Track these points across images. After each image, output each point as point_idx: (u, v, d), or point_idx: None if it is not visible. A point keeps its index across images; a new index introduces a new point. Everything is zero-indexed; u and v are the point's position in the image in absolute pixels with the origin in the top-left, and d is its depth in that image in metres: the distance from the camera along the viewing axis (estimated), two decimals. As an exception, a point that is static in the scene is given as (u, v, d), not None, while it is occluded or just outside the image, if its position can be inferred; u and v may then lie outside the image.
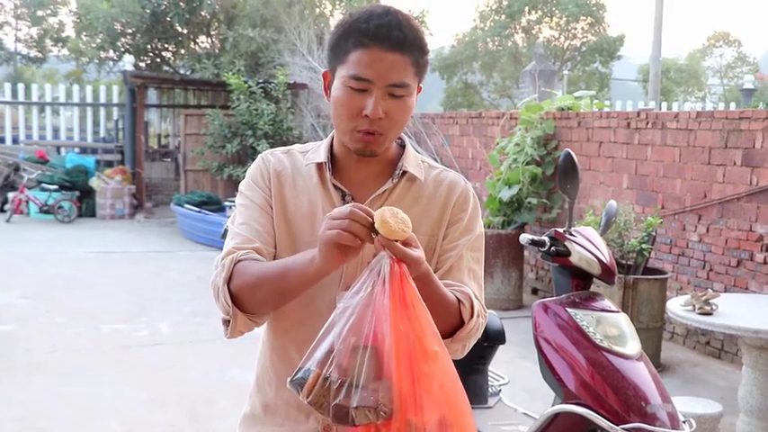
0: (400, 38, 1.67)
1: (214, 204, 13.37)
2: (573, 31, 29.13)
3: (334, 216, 1.48)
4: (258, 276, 1.67)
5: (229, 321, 1.72)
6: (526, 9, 28.78)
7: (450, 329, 1.71)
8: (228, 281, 1.70)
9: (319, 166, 1.83)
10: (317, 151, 1.87)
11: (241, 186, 1.90)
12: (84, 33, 21.20)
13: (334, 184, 1.81)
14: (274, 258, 1.78)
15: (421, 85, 1.79)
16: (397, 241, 1.45)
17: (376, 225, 1.45)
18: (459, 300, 1.72)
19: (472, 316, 1.73)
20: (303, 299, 1.72)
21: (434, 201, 1.84)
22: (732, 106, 23.42)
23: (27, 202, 14.78)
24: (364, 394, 1.36)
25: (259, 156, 1.92)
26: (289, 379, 1.45)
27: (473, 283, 1.82)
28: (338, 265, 1.54)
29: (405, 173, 1.83)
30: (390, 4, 1.79)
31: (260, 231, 1.79)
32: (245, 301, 1.69)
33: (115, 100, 17.99)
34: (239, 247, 1.75)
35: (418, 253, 1.50)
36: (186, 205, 13.15)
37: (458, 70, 30.49)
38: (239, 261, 1.71)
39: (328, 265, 1.53)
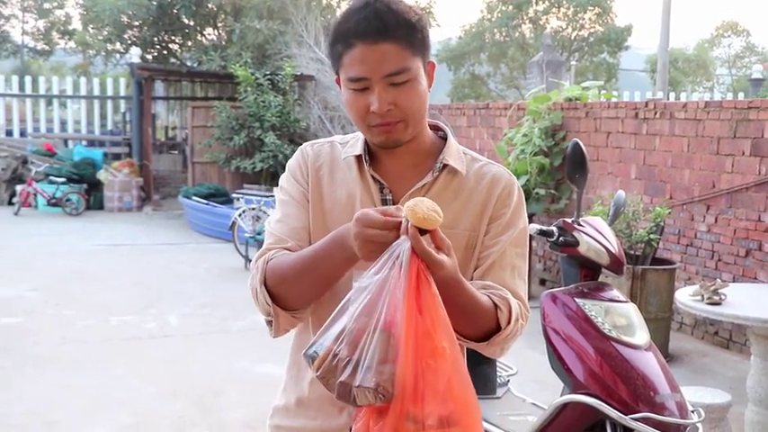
0: (380, 27, 1.62)
1: (222, 196, 13.39)
2: (580, 21, 29.04)
3: (369, 238, 1.45)
4: (294, 270, 1.66)
5: (272, 322, 1.72)
6: (533, 0, 28.69)
7: (485, 334, 1.68)
8: (265, 281, 1.69)
9: (358, 158, 1.80)
10: (354, 144, 1.83)
11: (281, 180, 1.88)
12: (91, 26, 21.24)
13: (372, 176, 1.78)
14: None
15: (431, 60, 1.75)
16: (426, 232, 1.43)
17: (404, 214, 1.43)
18: (495, 305, 1.67)
19: (509, 321, 1.68)
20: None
21: (476, 195, 1.79)
22: (740, 96, 23.34)
23: (35, 194, 14.83)
24: (368, 375, 1.34)
25: (299, 148, 1.90)
26: (303, 352, 1.45)
27: (516, 281, 1.77)
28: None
29: (445, 166, 1.79)
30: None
31: (296, 228, 1.78)
32: (284, 297, 1.69)
33: (122, 92, 18.01)
34: (272, 246, 1.75)
35: (440, 258, 1.45)
36: (194, 197, 13.16)
37: (465, 61, 30.44)
38: (271, 260, 1.71)
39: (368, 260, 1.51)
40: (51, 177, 14.76)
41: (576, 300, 3.50)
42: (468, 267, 1.77)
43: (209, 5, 18.39)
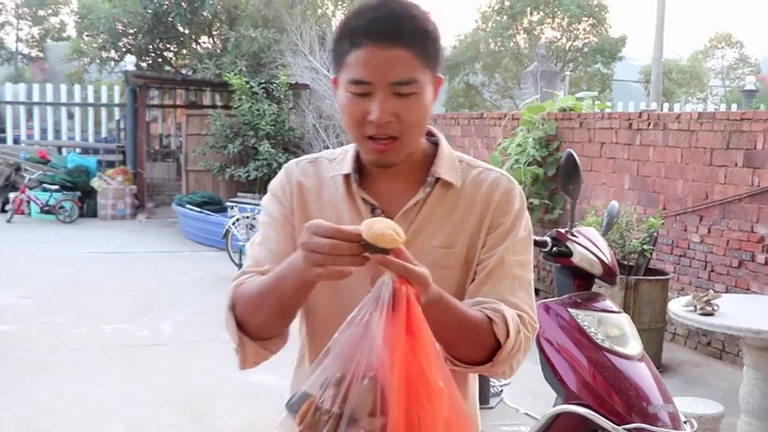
0: (395, 29, 1.49)
1: (215, 205, 13.37)
2: (575, 32, 29.09)
3: (313, 248, 1.29)
4: (255, 295, 1.52)
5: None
6: (528, 10, 28.74)
7: (487, 354, 1.54)
8: (233, 307, 1.57)
9: (346, 177, 1.67)
10: (342, 161, 1.70)
11: (263, 201, 1.77)
12: (86, 33, 21.21)
13: (362, 197, 1.64)
14: None
15: (439, 75, 1.60)
16: (388, 252, 1.27)
17: (363, 235, 1.27)
18: (490, 318, 1.52)
19: (508, 334, 1.52)
20: (333, 294, 1.58)
21: (473, 206, 1.65)
22: (734, 107, 23.40)
23: (28, 202, 14.79)
24: (352, 430, 1.21)
25: (283, 166, 1.77)
26: (286, 401, 1.33)
27: (518, 292, 1.62)
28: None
29: (438, 179, 1.65)
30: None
31: (274, 252, 1.64)
32: (249, 325, 1.56)
33: (117, 100, 18.00)
34: (248, 270, 1.64)
35: (423, 269, 1.31)
36: (188, 206, 13.15)
37: (460, 71, 30.46)
38: (241, 285, 1.59)
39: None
40: (45, 185, 14.73)
41: (570, 310, 3.51)
42: (465, 285, 1.65)
43: (205, 14, 18.39)
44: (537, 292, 9.03)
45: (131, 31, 18.49)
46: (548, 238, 3.70)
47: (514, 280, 1.62)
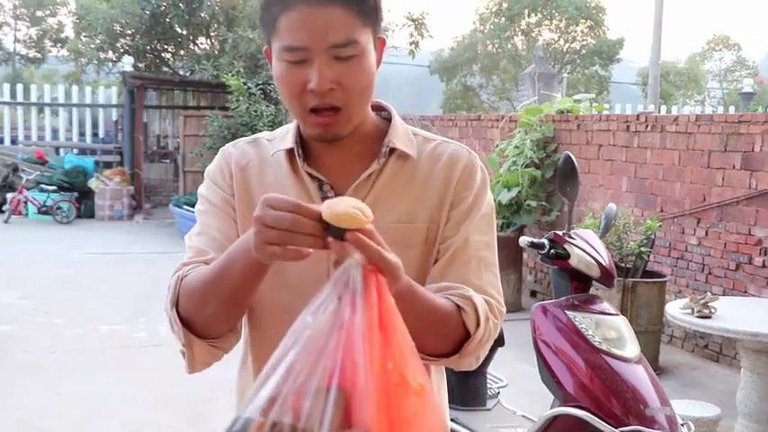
0: None
1: (213, 206, 13.35)
2: (572, 33, 29.15)
3: (270, 222, 1.13)
4: (200, 287, 1.37)
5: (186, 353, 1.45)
6: (526, 12, 28.80)
7: (455, 345, 1.41)
8: (177, 303, 1.43)
9: (289, 153, 1.52)
10: (284, 137, 1.55)
11: (200, 189, 1.61)
12: (84, 34, 21.17)
13: (308, 173, 1.50)
14: None
15: (381, 36, 1.46)
16: (354, 231, 1.11)
17: (324, 215, 1.12)
18: (459, 307, 1.39)
19: (478, 323, 1.39)
20: (279, 285, 1.43)
21: (433, 180, 1.51)
22: (731, 110, 23.42)
23: (26, 202, 14.77)
24: None
25: (220, 150, 1.63)
26: (234, 418, 1.15)
27: (484, 276, 1.49)
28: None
29: (393, 150, 1.51)
30: (386, 4, 1.54)
31: (217, 239, 1.48)
32: (196, 321, 1.41)
33: (114, 101, 17.99)
34: (189, 261, 1.47)
35: (395, 258, 1.17)
36: (185, 206, 13.13)
37: (457, 72, 30.50)
38: (185, 277, 1.43)
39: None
40: (42, 185, 14.72)
41: (567, 312, 3.51)
42: (428, 265, 1.50)
43: (202, 15, 18.37)
44: (534, 294, 9.09)
45: (129, 31, 18.46)
46: (545, 241, 3.70)
47: (480, 262, 1.49)
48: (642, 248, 6.53)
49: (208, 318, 1.39)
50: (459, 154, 1.55)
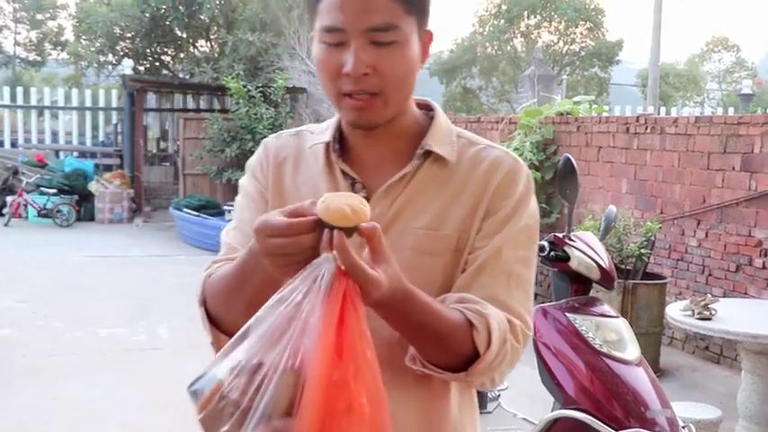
0: None
1: (213, 208, 13.38)
2: (572, 35, 29.15)
3: (273, 252, 1.13)
4: (223, 288, 1.37)
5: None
6: (525, 14, 28.80)
7: (461, 361, 1.31)
8: (205, 301, 1.43)
9: (327, 146, 1.47)
10: (325, 130, 1.50)
11: (241, 180, 1.59)
12: (84, 37, 21.24)
13: (342, 170, 1.44)
14: None
15: (428, 29, 1.40)
16: (352, 233, 1.10)
17: (317, 209, 1.10)
18: (470, 324, 1.29)
19: (489, 344, 1.29)
20: None
21: (469, 186, 1.42)
22: (731, 111, 23.44)
23: (26, 205, 14.77)
24: (259, 430, 1.01)
25: (262, 141, 1.60)
26: (188, 385, 1.12)
27: (513, 293, 1.38)
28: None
29: (430, 153, 1.43)
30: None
31: (250, 235, 1.35)
32: (221, 320, 1.40)
33: (114, 104, 18.01)
34: (219, 259, 1.47)
35: (376, 275, 1.12)
36: (185, 209, 13.15)
37: (457, 75, 30.51)
38: (210, 276, 1.43)
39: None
40: (42, 188, 14.71)
41: (567, 314, 3.50)
42: (455, 275, 1.41)
43: (202, 17, 18.41)
44: (535, 296, 9.05)
45: (129, 34, 18.51)
46: (545, 243, 3.70)
47: (511, 277, 1.38)
48: (642, 250, 6.52)
49: (234, 316, 1.33)
50: (502, 159, 1.45)
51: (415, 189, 1.42)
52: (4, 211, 14.88)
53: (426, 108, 1.53)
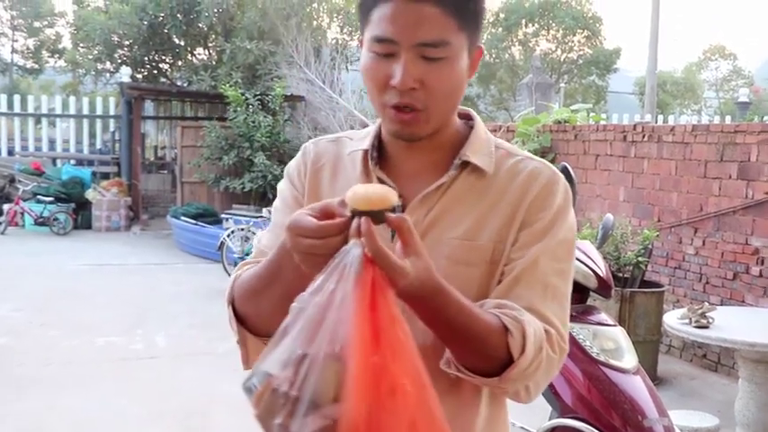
0: None
1: (210, 217, 13.36)
2: (569, 43, 29.19)
3: (305, 250, 1.16)
4: (252, 287, 1.38)
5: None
6: (523, 22, 28.85)
7: (495, 366, 1.29)
8: (234, 300, 1.44)
9: (365, 154, 1.47)
10: (364, 138, 1.50)
11: (279, 184, 1.61)
12: (81, 45, 21.22)
13: (379, 178, 1.44)
14: None
15: (480, 45, 1.41)
16: (380, 222, 1.13)
17: (346, 197, 1.14)
18: (506, 328, 1.28)
19: (524, 350, 1.27)
20: None
21: (506, 197, 1.42)
22: (728, 119, 23.49)
23: (22, 213, 14.76)
24: (309, 418, 1.04)
25: (302, 146, 1.61)
26: (242, 382, 1.15)
27: (550, 304, 1.37)
28: None
29: (468, 163, 1.43)
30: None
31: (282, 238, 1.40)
32: (250, 319, 1.42)
33: (112, 112, 18.01)
34: (249, 261, 1.49)
35: (402, 264, 1.13)
36: (182, 217, 13.14)
37: (454, 83, 30.50)
38: (239, 277, 1.45)
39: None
40: (39, 196, 14.71)
41: (565, 323, 3.50)
42: (491, 286, 1.40)
43: (200, 25, 18.42)
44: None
45: (127, 42, 18.51)
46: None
47: (547, 288, 1.37)
48: (640, 258, 6.52)
49: (261, 317, 1.38)
50: (540, 171, 1.44)
51: (451, 199, 1.42)
52: (1, 219, 14.85)
53: (466, 117, 1.53)
